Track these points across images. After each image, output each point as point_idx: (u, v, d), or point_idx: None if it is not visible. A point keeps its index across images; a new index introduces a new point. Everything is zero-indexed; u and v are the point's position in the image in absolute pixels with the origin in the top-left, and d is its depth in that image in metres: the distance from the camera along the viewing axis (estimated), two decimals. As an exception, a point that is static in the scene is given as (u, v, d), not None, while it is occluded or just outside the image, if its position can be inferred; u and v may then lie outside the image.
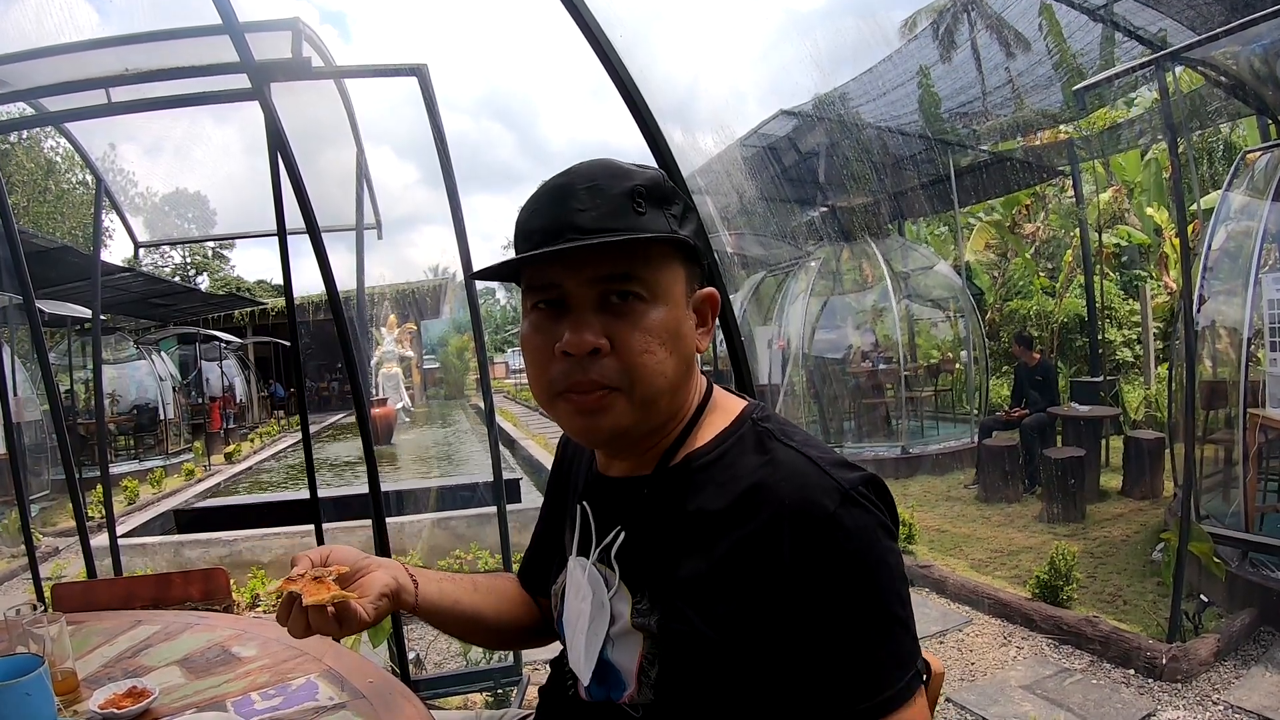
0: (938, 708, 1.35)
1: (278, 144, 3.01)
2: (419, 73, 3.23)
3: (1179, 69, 6.22)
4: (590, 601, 1.23)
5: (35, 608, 1.73)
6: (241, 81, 3.16)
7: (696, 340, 1.18)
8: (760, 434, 1.16)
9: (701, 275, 1.20)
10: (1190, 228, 6.88)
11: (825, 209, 12.86)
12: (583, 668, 1.24)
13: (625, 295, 1.09)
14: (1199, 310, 5.98)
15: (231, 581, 2.58)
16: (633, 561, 1.19)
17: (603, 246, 1.06)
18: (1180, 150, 5.27)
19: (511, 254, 1.15)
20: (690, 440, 1.20)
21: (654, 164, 2.17)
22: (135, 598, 2.46)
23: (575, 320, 1.09)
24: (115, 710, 1.50)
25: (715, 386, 1.28)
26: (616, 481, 1.27)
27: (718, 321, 1.31)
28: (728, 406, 1.25)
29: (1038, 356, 9.68)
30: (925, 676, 1.07)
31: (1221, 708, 3.91)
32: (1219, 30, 4.69)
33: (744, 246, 13.43)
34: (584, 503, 1.32)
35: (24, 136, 25.62)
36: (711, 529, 1.10)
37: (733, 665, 1.05)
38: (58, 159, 26.51)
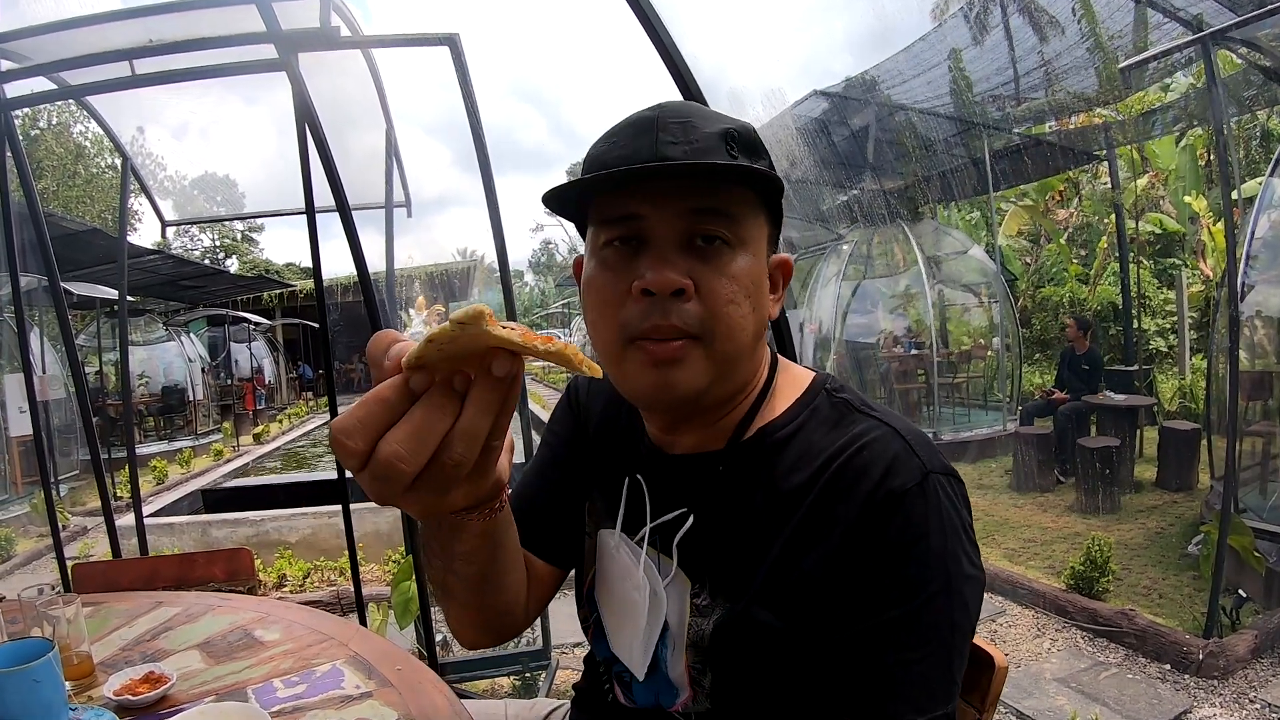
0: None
1: (306, 117, 2.96)
2: (451, 42, 3.15)
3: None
4: (646, 593, 1.12)
5: (53, 588, 1.69)
6: (269, 52, 3.11)
7: (769, 306, 1.07)
8: (837, 405, 1.07)
9: (778, 238, 1.10)
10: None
11: (858, 191, 12.74)
12: (639, 664, 1.14)
13: (712, 239, 0.98)
14: (1242, 300, 5.86)
15: (258, 562, 2.54)
16: (697, 548, 1.09)
17: (694, 179, 0.96)
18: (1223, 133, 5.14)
19: (558, 219, 1.06)
20: (763, 413, 1.09)
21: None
22: (158, 578, 2.43)
23: (657, 256, 0.97)
24: (130, 697, 1.45)
25: (780, 357, 1.18)
26: (681, 459, 1.15)
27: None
28: (798, 376, 1.14)
29: (1088, 344, 9.56)
30: None
31: (1258, 706, 3.84)
32: (1271, 7, 4.55)
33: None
34: (638, 477, 1.20)
35: (53, 122, 25.93)
36: (787, 509, 0.99)
37: (801, 660, 0.96)
38: (86, 143, 26.78)
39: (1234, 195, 8.51)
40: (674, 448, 1.16)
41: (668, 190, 0.96)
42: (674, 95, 2.37)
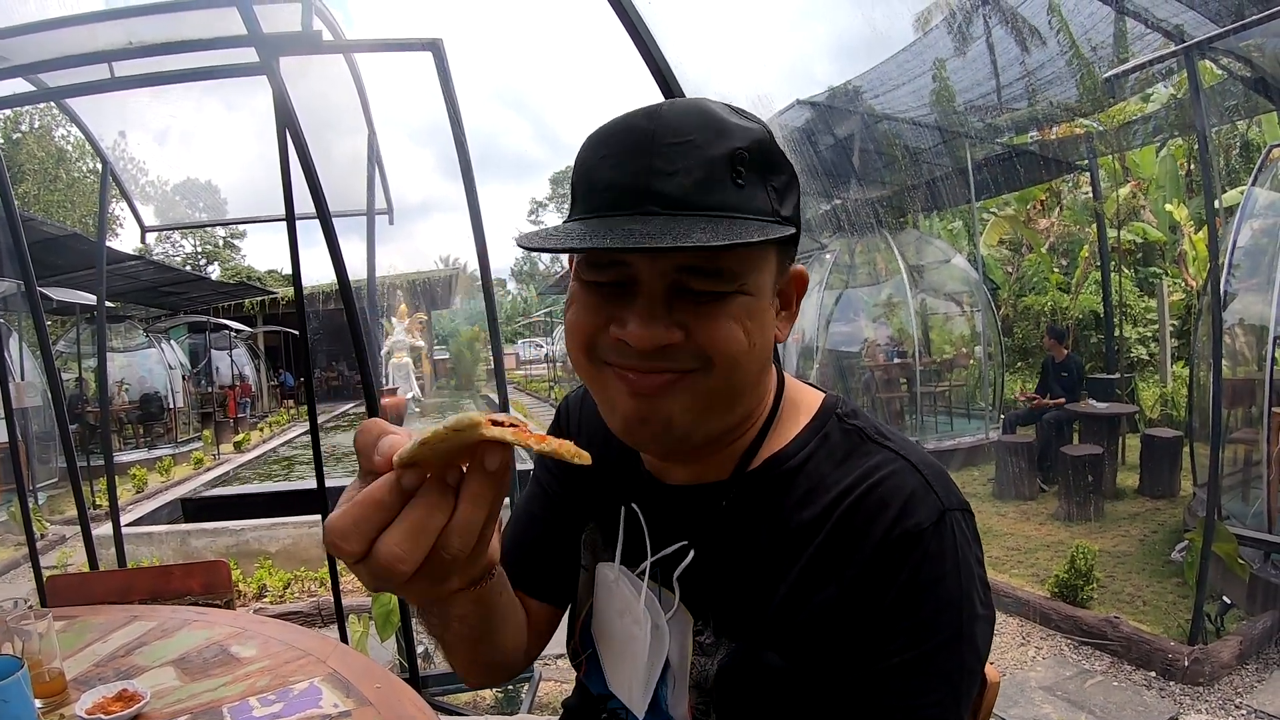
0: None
1: (286, 121, 2.93)
2: (434, 47, 3.12)
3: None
4: (647, 628, 1.07)
5: (27, 601, 1.65)
6: (250, 55, 3.07)
7: (777, 329, 0.98)
8: (849, 433, 1.01)
9: (793, 253, 1.00)
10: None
11: (840, 200, 12.76)
12: (638, 702, 1.09)
13: (707, 289, 0.88)
14: (1225, 308, 5.88)
15: (238, 573, 2.51)
16: (699, 584, 1.03)
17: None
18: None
19: (542, 224, 0.96)
20: (770, 441, 1.03)
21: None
22: (133, 590, 2.39)
23: (645, 310, 0.87)
24: (103, 715, 1.42)
25: (787, 377, 1.10)
26: (680, 490, 1.08)
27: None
28: (806, 401, 1.07)
29: (1065, 352, 9.59)
30: None
31: (1244, 712, 3.85)
32: (1254, 18, 4.57)
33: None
34: (634, 506, 1.13)
35: (35, 125, 25.79)
36: (796, 547, 0.94)
37: (807, 702, 0.92)
38: (69, 147, 26.62)
39: (1215, 204, 8.61)
40: (670, 477, 1.09)
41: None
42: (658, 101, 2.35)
